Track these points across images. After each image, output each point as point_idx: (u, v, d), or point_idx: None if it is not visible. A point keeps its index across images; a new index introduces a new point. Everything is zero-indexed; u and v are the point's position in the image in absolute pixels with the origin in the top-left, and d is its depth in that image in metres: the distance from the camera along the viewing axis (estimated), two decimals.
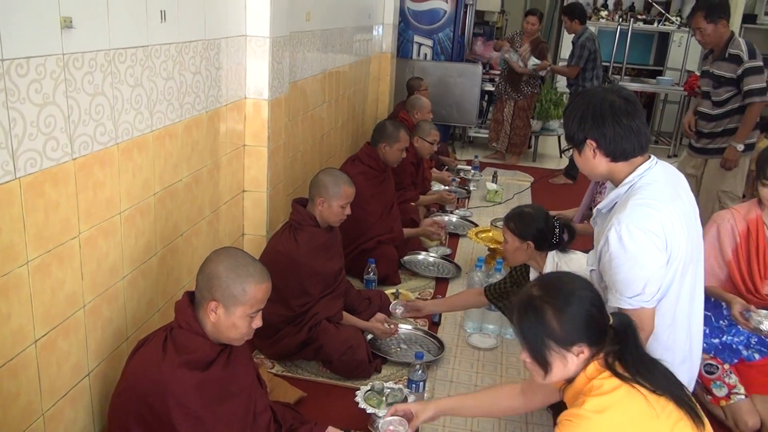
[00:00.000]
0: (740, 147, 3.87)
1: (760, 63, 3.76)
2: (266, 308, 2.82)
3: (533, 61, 6.42)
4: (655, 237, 1.74)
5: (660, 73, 8.88)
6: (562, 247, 2.61)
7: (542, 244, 2.62)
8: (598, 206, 1.96)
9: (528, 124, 6.89)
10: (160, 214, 2.40)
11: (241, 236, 3.23)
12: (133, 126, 2.14)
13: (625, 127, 1.82)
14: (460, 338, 3.26)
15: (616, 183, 1.89)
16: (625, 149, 1.85)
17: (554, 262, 2.60)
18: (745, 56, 3.76)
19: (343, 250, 3.19)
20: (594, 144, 1.87)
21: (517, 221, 2.67)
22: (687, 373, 2.00)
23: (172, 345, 1.88)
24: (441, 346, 3.10)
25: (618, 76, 8.26)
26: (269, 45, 3.00)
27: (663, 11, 8.87)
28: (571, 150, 1.95)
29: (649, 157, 1.92)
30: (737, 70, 3.77)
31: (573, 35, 6.29)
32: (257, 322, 1.95)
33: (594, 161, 1.89)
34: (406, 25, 6.89)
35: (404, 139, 3.88)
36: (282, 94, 3.23)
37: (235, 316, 1.88)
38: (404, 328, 3.22)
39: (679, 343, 1.97)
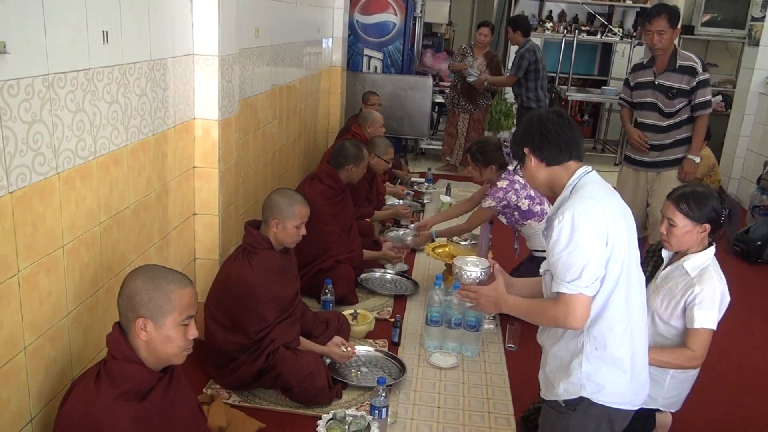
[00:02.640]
0: (697, 159, 3.89)
1: (709, 75, 3.79)
2: (221, 337, 2.77)
3: (472, 76, 6.46)
4: (596, 224, 1.80)
5: (604, 83, 9.08)
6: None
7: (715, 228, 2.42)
8: (549, 214, 2.00)
9: (482, 136, 6.93)
10: (107, 244, 2.28)
11: (192, 261, 3.11)
12: (75, 154, 2.03)
13: (551, 132, 1.94)
14: (421, 357, 3.22)
15: (558, 190, 1.97)
16: (554, 152, 1.95)
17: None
18: (699, 68, 3.73)
19: (300, 271, 3.12)
20: (528, 150, 1.98)
21: (692, 201, 2.39)
22: (645, 371, 1.99)
23: (106, 378, 1.78)
24: (402, 367, 3.05)
25: (564, 86, 8.41)
26: (218, 63, 2.91)
27: (605, 23, 9.08)
28: (520, 168, 2.09)
29: (586, 165, 2.01)
30: (691, 82, 3.72)
31: (516, 47, 6.40)
32: (192, 332, 1.88)
33: (534, 169, 1.99)
34: (355, 38, 6.86)
35: (367, 155, 3.93)
36: (232, 114, 3.14)
37: (166, 327, 1.81)
38: (363, 349, 3.16)
39: (639, 337, 1.95)
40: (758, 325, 3.86)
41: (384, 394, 2.57)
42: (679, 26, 3.75)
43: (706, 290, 2.30)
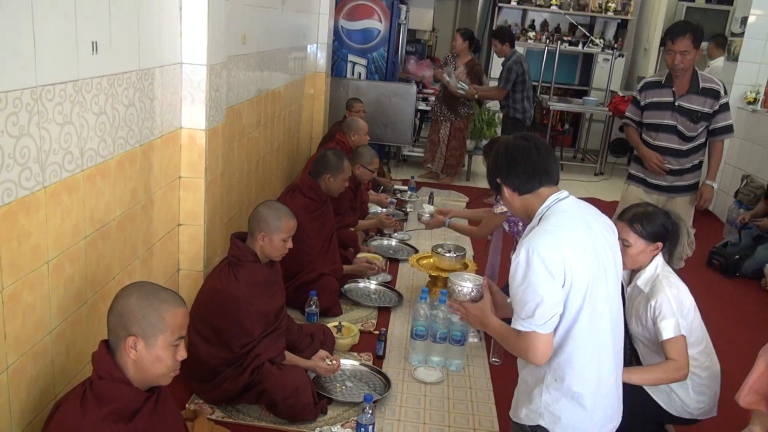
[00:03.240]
0: (715, 185, 3.79)
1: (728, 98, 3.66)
2: (205, 350, 2.73)
3: (462, 86, 6.47)
4: (550, 262, 1.78)
5: (585, 92, 9.17)
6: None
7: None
8: (519, 240, 2.01)
9: (463, 145, 6.95)
10: (91, 258, 2.23)
11: (176, 272, 3.06)
12: (61, 167, 1.98)
13: (518, 161, 1.94)
14: (406, 371, 3.20)
15: (532, 217, 1.97)
16: (523, 181, 1.94)
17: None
18: (722, 91, 3.55)
19: (284, 283, 3.08)
20: (500, 181, 2.00)
21: (645, 221, 2.46)
22: (609, 408, 1.96)
23: (93, 398, 1.74)
24: (387, 381, 3.03)
25: (546, 96, 8.47)
26: (206, 73, 2.87)
27: (587, 33, 9.18)
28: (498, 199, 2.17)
29: (560, 191, 1.97)
30: (714, 105, 3.54)
31: (503, 58, 6.42)
32: (182, 353, 1.85)
33: (509, 198, 2.00)
34: (340, 44, 6.84)
35: (348, 169, 3.83)
36: (219, 123, 3.10)
37: (157, 347, 1.78)
38: (348, 363, 3.13)
39: (606, 382, 1.92)
40: (735, 337, 3.91)
41: (371, 412, 2.55)
42: (701, 47, 3.55)
43: (660, 300, 2.35)
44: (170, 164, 2.85)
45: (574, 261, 1.80)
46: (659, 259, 2.46)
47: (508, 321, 1.95)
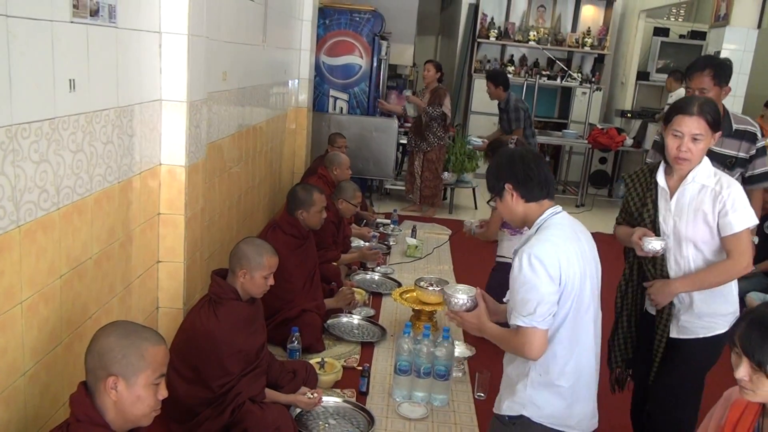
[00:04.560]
0: (755, 239, 3.36)
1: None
2: (183, 389, 2.67)
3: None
4: (550, 266, 1.97)
5: (565, 125, 9.30)
6: None
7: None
8: (515, 247, 2.14)
9: (437, 177, 6.96)
10: (67, 297, 2.19)
11: (155, 310, 3.02)
12: (37, 205, 1.95)
13: (532, 171, 2.10)
14: (390, 408, 3.16)
15: (530, 225, 2.14)
16: (534, 190, 2.10)
17: None
18: (759, 133, 3.09)
19: (265, 320, 3.04)
20: (510, 187, 2.12)
21: (705, 107, 2.36)
22: (590, 401, 2.16)
23: None
24: (370, 419, 2.99)
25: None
26: (186, 109, 2.87)
27: (565, 68, 9.34)
28: (494, 201, 2.24)
29: (555, 205, 2.16)
30: (750, 149, 3.04)
31: (497, 100, 6.44)
32: (162, 392, 1.81)
33: (513, 204, 2.14)
34: (321, 79, 6.90)
35: (319, 200, 3.78)
36: (199, 159, 3.09)
37: (138, 386, 1.74)
38: (332, 401, 3.09)
39: (584, 377, 2.12)
40: None
41: None
42: (727, 85, 3.08)
43: (734, 192, 2.33)
44: (149, 201, 2.83)
45: (568, 267, 2.00)
46: (705, 158, 2.42)
47: (502, 325, 2.15)
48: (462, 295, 2.27)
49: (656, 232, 2.45)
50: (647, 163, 2.67)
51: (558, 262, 1.98)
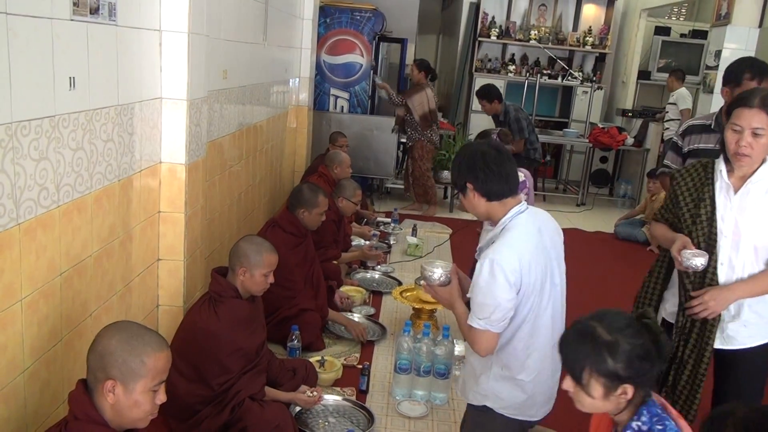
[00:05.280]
0: None
1: None
2: (183, 388, 2.67)
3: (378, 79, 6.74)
4: (510, 273, 2.03)
5: (566, 124, 9.29)
6: None
7: None
8: (480, 245, 2.25)
9: (424, 174, 6.94)
10: (67, 295, 2.19)
11: (155, 308, 3.02)
12: (37, 203, 1.95)
13: (494, 171, 2.12)
14: (390, 407, 3.16)
15: (494, 222, 2.18)
16: (496, 190, 2.13)
17: None
18: None
19: (265, 318, 3.04)
20: (471, 186, 2.15)
21: None
22: (550, 390, 2.25)
23: None
24: (370, 417, 2.99)
25: None
26: (186, 108, 2.87)
27: (566, 67, 9.33)
28: (458, 195, 2.29)
29: (521, 201, 2.20)
30: None
31: (494, 114, 6.43)
32: (161, 397, 1.81)
33: (475, 202, 2.17)
34: (322, 78, 6.90)
35: (323, 203, 3.78)
36: (200, 158, 3.09)
37: (136, 392, 1.73)
38: (332, 399, 3.09)
39: (545, 370, 2.20)
40: None
41: None
42: None
43: None
44: (149, 199, 2.83)
45: (528, 272, 2.07)
46: None
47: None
48: (437, 269, 2.34)
49: (713, 231, 2.26)
50: (699, 161, 2.41)
51: (519, 268, 2.04)
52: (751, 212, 2.22)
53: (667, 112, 7.53)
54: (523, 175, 4.08)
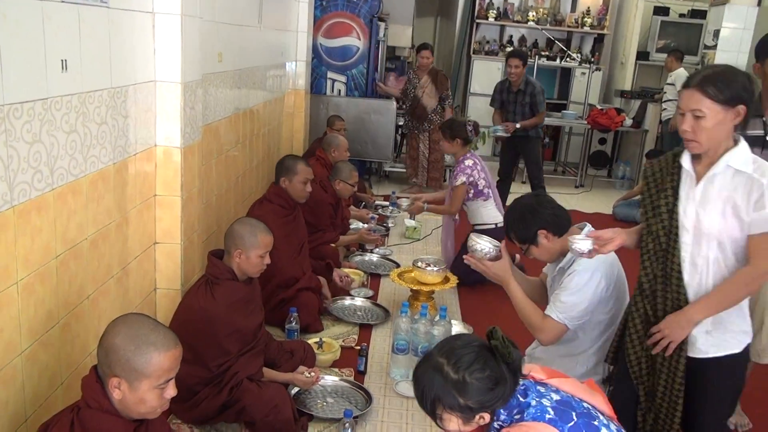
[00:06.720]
0: None
1: None
2: (182, 370, 2.65)
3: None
4: (605, 286, 2.43)
5: (564, 106, 9.26)
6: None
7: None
8: (561, 265, 2.50)
9: (443, 157, 6.97)
10: (63, 277, 2.20)
11: (153, 291, 3.03)
12: (31, 186, 1.96)
13: (551, 209, 2.45)
14: (388, 387, 3.18)
15: (566, 252, 2.41)
16: (563, 223, 2.44)
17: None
18: None
19: (262, 299, 3.05)
20: (545, 231, 2.44)
21: (719, 81, 1.96)
22: None
23: (80, 428, 1.70)
24: (368, 397, 3.01)
25: None
26: (181, 90, 2.86)
27: (564, 48, 9.28)
28: (529, 250, 2.50)
29: (580, 224, 2.50)
30: None
31: (519, 85, 6.12)
32: (170, 392, 1.79)
33: (550, 245, 2.45)
34: (319, 61, 6.87)
35: (303, 171, 3.74)
36: (195, 141, 3.09)
37: (141, 390, 1.72)
38: (330, 379, 3.11)
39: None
40: None
41: (350, 428, 2.53)
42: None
43: None
44: (145, 182, 2.83)
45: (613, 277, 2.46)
46: (743, 141, 2.05)
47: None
48: (486, 243, 2.45)
49: (674, 224, 2.09)
50: (673, 149, 2.23)
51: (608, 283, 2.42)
52: (714, 204, 2.02)
53: (666, 92, 7.51)
54: (474, 159, 4.44)
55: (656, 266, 2.14)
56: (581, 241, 2.22)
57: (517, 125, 6.08)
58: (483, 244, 2.45)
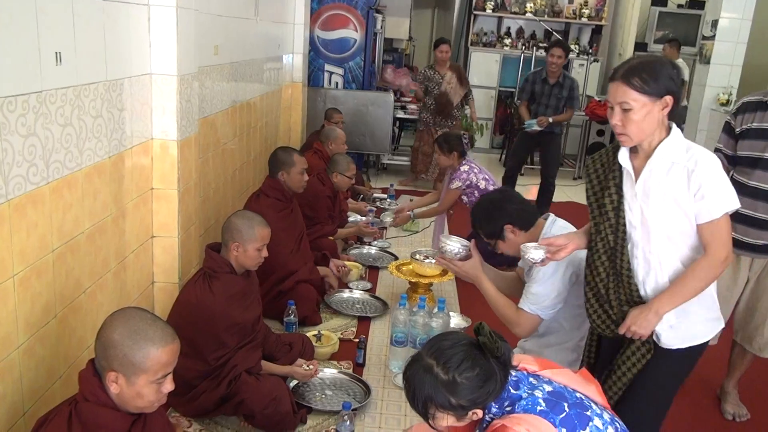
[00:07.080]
0: None
1: None
2: (180, 363, 2.64)
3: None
4: (571, 274, 2.42)
5: None
6: None
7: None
8: (525, 268, 2.58)
9: None
10: (60, 271, 2.20)
11: (151, 285, 3.02)
12: (26, 179, 1.95)
13: (517, 203, 2.49)
14: (386, 379, 3.18)
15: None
16: (529, 218, 2.47)
17: None
18: None
19: (260, 291, 3.05)
20: (511, 226, 2.46)
21: (644, 73, 1.92)
22: None
23: (78, 422, 1.70)
24: (367, 389, 3.01)
25: None
26: (176, 83, 2.85)
27: (562, 40, 9.25)
28: (496, 244, 2.52)
29: (545, 214, 2.54)
30: None
31: (557, 76, 5.89)
32: (168, 386, 1.79)
33: (517, 239, 2.44)
34: (316, 53, 6.84)
35: (299, 161, 3.73)
36: (192, 134, 3.08)
37: (138, 385, 1.71)
38: (328, 372, 3.11)
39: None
40: None
41: (349, 420, 2.53)
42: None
43: (708, 168, 1.93)
44: (142, 175, 2.82)
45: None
46: (675, 129, 2.01)
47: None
48: (455, 243, 2.47)
49: (621, 222, 2.07)
50: (613, 144, 2.17)
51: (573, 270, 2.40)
52: (656, 199, 1.98)
53: None
54: (470, 165, 4.53)
55: (607, 265, 2.12)
56: (534, 250, 2.21)
57: (550, 119, 5.85)
58: (452, 245, 2.49)
